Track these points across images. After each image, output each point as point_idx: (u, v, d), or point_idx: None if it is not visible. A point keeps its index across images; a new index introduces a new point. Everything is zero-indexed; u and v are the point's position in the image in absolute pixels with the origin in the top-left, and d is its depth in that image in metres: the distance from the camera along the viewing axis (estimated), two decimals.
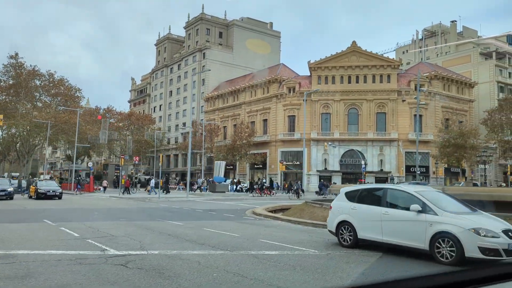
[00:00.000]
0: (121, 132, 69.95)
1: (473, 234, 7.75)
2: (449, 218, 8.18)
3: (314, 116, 64.73)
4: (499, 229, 7.85)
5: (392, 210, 9.17)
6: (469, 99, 68.10)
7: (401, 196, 9.45)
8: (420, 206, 8.62)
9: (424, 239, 8.31)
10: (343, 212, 10.26)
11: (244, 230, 13.30)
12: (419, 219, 8.55)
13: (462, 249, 7.78)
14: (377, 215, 9.32)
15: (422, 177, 62.51)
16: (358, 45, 64.21)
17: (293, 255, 8.77)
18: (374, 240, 9.36)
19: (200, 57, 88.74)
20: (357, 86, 63.71)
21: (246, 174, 73.24)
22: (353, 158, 63.13)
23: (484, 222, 8.10)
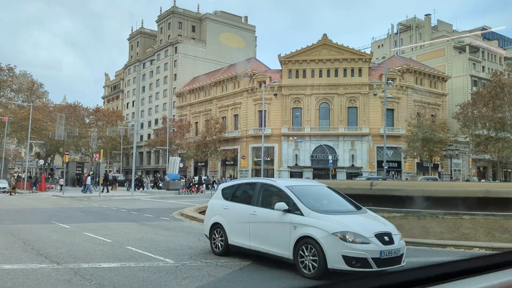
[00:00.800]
0: (87, 129, 67.33)
1: (337, 240, 6.13)
2: (314, 220, 6.52)
3: (285, 111, 63.14)
4: (371, 233, 6.21)
5: (260, 210, 7.46)
6: (442, 93, 67.26)
7: (272, 192, 7.70)
8: (287, 205, 6.93)
9: (289, 245, 6.64)
10: (216, 212, 8.53)
11: (129, 234, 11.51)
12: (284, 220, 6.88)
13: (325, 258, 6.14)
14: (246, 216, 7.64)
15: (394, 172, 61.59)
16: (329, 38, 62.73)
17: (136, 267, 7.02)
18: (243, 247, 7.63)
19: (172, 51, 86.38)
20: (329, 80, 62.25)
21: (217, 171, 71.40)
22: (324, 153, 61.71)
23: (357, 224, 6.46)
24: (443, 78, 67.59)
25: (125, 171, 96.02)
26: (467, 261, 1.39)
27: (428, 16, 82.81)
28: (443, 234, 10.74)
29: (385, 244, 6.12)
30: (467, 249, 9.06)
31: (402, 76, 63.32)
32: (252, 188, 8.02)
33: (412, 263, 7.51)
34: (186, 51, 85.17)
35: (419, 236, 10.82)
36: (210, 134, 63.73)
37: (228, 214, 8.12)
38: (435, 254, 8.83)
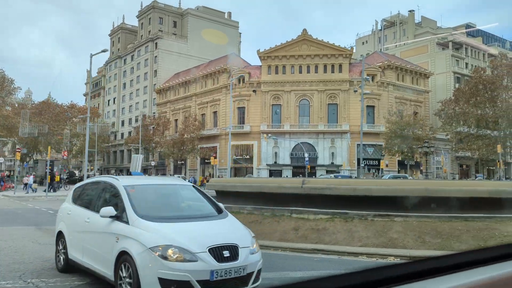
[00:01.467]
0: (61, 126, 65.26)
1: (155, 257, 4.69)
2: (137, 230, 5.08)
3: (264, 107, 61.78)
4: (204, 247, 4.78)
5: (94, 216, 5.99)
6: (424, 89, 66.30)
7: (111, 194, 6.19)
8: (115, 209, 5.51)
9: (111, 262, 5.20)
10: (61, 218, 7.11)
11: (3, 242, 10.05)
12: (109, 230, 5.46)
13: (139, 282, 4.70)
14: (82, 223, 6.24)
15: (375, 170, 60.52)
16: (309, 33, 61.43)
17: None
18: (79, 263, 6.21)
19: (152, 47, 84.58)
20: (308, 76, 61.02)
21: (196, 169, 69.87)
22: (304, 151, 60.49)
23: (189, 234, 5.03)
24: (425, 75, 66.65)
25: (106, 169, 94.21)
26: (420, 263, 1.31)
27: (412, 13, 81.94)
28: (369, 239, 9.39)
29: (222, 261, 4.74)
30: (381, 258, 7.76)
31: (383, 73, 62.25)
32: (95, 189, 6.66)
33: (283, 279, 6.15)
34: (167, 47, 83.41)
35: (342, 241, 9.50)
36: (188, 132, 62.24)
37: (70, 221, 6.74)
38: (339, 265, 7.48)
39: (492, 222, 9.67)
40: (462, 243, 8.93)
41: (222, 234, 5.11)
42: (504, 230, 9.35)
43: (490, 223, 9.65)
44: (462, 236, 9.18)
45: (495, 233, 9.26)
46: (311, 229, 10.03)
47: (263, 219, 10.69)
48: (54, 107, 67.31)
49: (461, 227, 9.46)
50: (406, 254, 7.64)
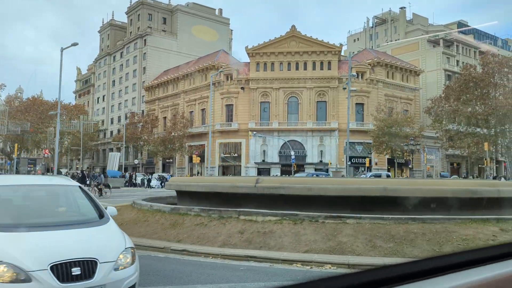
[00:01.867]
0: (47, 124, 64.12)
1: None
2: None
3: (252, 105, 60.96)
4: (45, 263, 3.90)
5: None
6: (414, 87, 65.67)
7: None
8: None
9: None
10: None
11: None
12: None
13: None
14: None
15: (364, 169, 59.90)
16: (298, 30, 60.66)
17: None
18: None
19: (141, 44, 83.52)
20: (297, 73, 60.25)
21: (185, 167, 68.99)
22: (293, 149, 59.74)
23: (34, 247, 4.15)
24: (415, 72, 66.03)
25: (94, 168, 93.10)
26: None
27: (403, 10, 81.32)
28: (316, 243, 8.65)
29: (68, 280, 3.88)
30: (316, 267, 7.01)
31: (372, 70, 61.57)
32: None
33: None
34: (156, 43, 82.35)
35: (288, 246, 8.75)
36: (175, 130, 61.38)
37: None
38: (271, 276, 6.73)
39: (452, 224, 8.95)
40: (415, 248, 8.20)
41: (80, 245, 4.24)
42: (463, 233, 8.63)
43: (450, 226, 8.93)
44: (416, 240, 8.45)
45: (453, 237, 8.54)
46: (257, 232, 9.25)
47: (210, 222, 9.91)
48: (39, 104, 66.21)
49: (417, 230, 8.73)
50: (345, 262, 6.89)
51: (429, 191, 9.79)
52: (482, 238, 8.46)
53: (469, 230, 8.71)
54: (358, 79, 60.12)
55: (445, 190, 9.86)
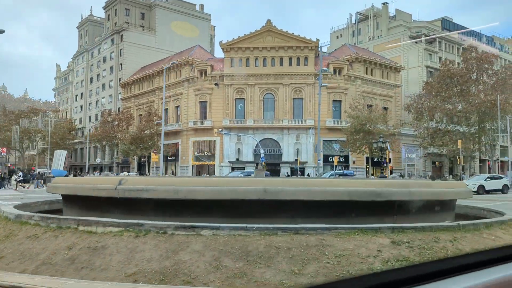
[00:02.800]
0: (11, 121, 61.72)
1: None
2: None
3: (227, 102, 58.99)
4: None
5: None
6: (394, 84, 63.98)
7: None
8: None
9: None
10: None
11: None
12: None
13: None
14: None
15: (341, 167, 58.20)
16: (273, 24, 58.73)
17: None
18: None
19: (118, 39, 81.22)
20: (273, 69, 58.39)
21: (159, 167, 66.74)
22: (268, 147, 57.96)
23: None
24: (396, 69, 64.36)
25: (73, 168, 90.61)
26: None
27: (385, 5, 79.64)
28: (150, 263, 6.84)
29: None
30: None
31: (351, 66, 59.81)
32: None
33: None
34: (133, 39, 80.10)
35: (115, 265, 6.90)
36: (147, 128, 59.30)
37: None
38: None
39: (332, 236, 7.03)
40: (269, 269, 6.29)
41: None
42: (341, 247, 6.71)
43: (328, 238, 7.00)
44: (276, 257, 6.52)
45: (325, 252, 6.64)
46: (87, 247, 7.25)
47: (44, 233, 7.91)
48: (7, 101, 63.77)
49: (282, 244, 6.80)
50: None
51: (319, 193, 7.89)
52: (361, 254, 6.60)
53: (349, 244, 6.81)
54: (336, 76, 58.47)
55: (340, 192, 7.97)
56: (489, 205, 16.32)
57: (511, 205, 19.66)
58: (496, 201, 22.54)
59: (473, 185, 29.63)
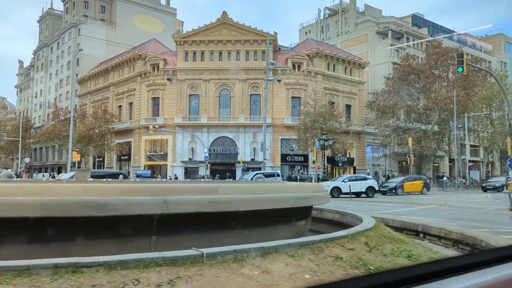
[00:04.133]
0: None
1: None
2: None
3: (180, 98, 55.74)
4: None
5: None
6: (359, 80, 61.38)
7: None
8: None
9: None
10: None
11: None
12: None
13: None
14: None
15: (301, 167, 55.50)
16: (230, 17, 55.70)
17: None
18: None
19: (76, 33, 77.37)
20: (229, 64, 55.32)
21: (112, 167, 63.30)
22: (224, 146, 54.97)
23: None
24: (360, 65, 61.77)
25: (33, 168, 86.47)
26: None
27: (353, 0, 77.13)
28: None
29: None
30: None
31: (311, 61, 57.08)
32: None
33: None
34: (91, 33, 76.30)
35: None
36: (96, 126, 55.75)
37: None
38: None
39: None
40: None
41: None
42: None
43: None
44: None
45: None
46: None
47: None
48: None
49: None
50: None
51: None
52: None
53: None
54: (295, 71, 55.67)
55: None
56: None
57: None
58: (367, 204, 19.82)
59: (327, 186, 27.03)
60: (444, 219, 13.91)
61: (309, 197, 8.62)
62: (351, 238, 7.09)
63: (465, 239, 9.97)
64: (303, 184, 10.80)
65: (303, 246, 6.01)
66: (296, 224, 9.01)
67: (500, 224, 12.57)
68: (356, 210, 16.97)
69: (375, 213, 15.20)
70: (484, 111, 51.54)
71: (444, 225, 11.47)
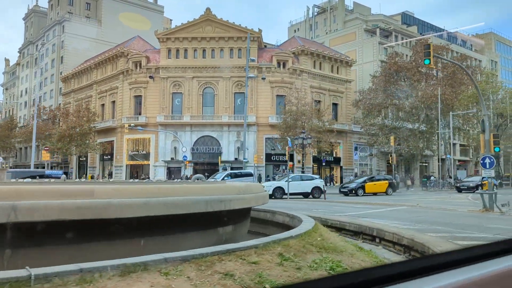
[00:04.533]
0: None
1: None
2: None
3: (163, 96, 54.56)
4: None
5: None
6: (346, 79, 60.43)
7: None
8: None
9: None
10: None
11: None
12: None
13: None
14: None
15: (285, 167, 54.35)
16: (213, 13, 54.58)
17: None
18: None
19: (60, 31, 75.95)
20: (213, 62, 54.22)
21: (95, 166, 62.05)
22: (207, 145, 53.86)
23: None
24: (347, 63, 60.81)
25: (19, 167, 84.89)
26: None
27: None
28: None
29: None
30: None
31: (297, 59, 56.07)
32: None
33: None
34: (75, 31, 74.87)
35: None
36: (77, 125, 54.45)
37: None
38: None
39: None
40: None
41: None
42: None
43: None
44: None
45: None
46: None
47: None
48: None
49: None
50: None
51: None
52: None
53: None
54: (280, 69, 54.65)
55: None
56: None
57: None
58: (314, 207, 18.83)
59: (269, 186, 25.97)
60: (408, 222, 12.93)
61: (228, 199, 7.58)
62: (262, 248, 6.11)
63: (415, 245, 8.98)
64: (228, 184, 9.68)
65: (188, 261, 4.97)
66: (217, 231, 7.95)
67: (463, 227, 11.58)
68: (321, 212, 16.01)
69: (338, 215, 14.24)
70: (472, 109, 50.76)
71: (399, 230, 10.47)
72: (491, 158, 16.19)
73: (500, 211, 15.90)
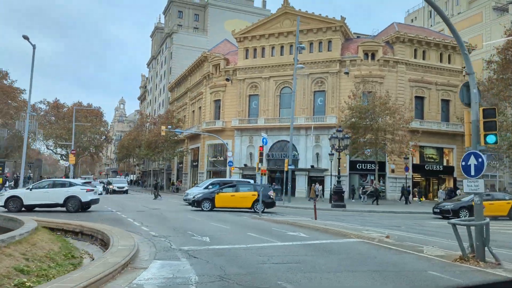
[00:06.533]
0: None
1: None
2: None
3: (240, 99, 51.40)
4: None
5: None
6: (460, 69, 48.41)
7: None
8: None
9: None
10: None
11: None
12: None
13: None
14: None
15: (375, 177, 45.57)
16: (291, 5, 49.38)
17: None
18: None
19: (170, 43, 79.70)
20: (291, 58, 48.83)
21: (187, 172, 62.11)
22: (283, 151, 48.63)
23: None
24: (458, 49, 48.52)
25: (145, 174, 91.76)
26: None
27: None
28: None
29: None
30: None
31: (391, 48, 46.97)
32: None
33: None
34: (182, 41, 77.61)
35: None
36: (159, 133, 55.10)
37: None
38: None
39: None
40: None
41: None
42: None
43: None
44: None
45: None
46: None
47: None
48: None
49: None
50: None
51: None
52: None
53: None
54: (367, 61, 46.42)
55: None
56: None
57: None
58: None
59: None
60: None
61: None
62: None
63: None
64: None
65: None
66: None
67: None
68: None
69: None
70: None
71: None
72: (479, 156, 8.09)
73: (495, 262, 7.80)
